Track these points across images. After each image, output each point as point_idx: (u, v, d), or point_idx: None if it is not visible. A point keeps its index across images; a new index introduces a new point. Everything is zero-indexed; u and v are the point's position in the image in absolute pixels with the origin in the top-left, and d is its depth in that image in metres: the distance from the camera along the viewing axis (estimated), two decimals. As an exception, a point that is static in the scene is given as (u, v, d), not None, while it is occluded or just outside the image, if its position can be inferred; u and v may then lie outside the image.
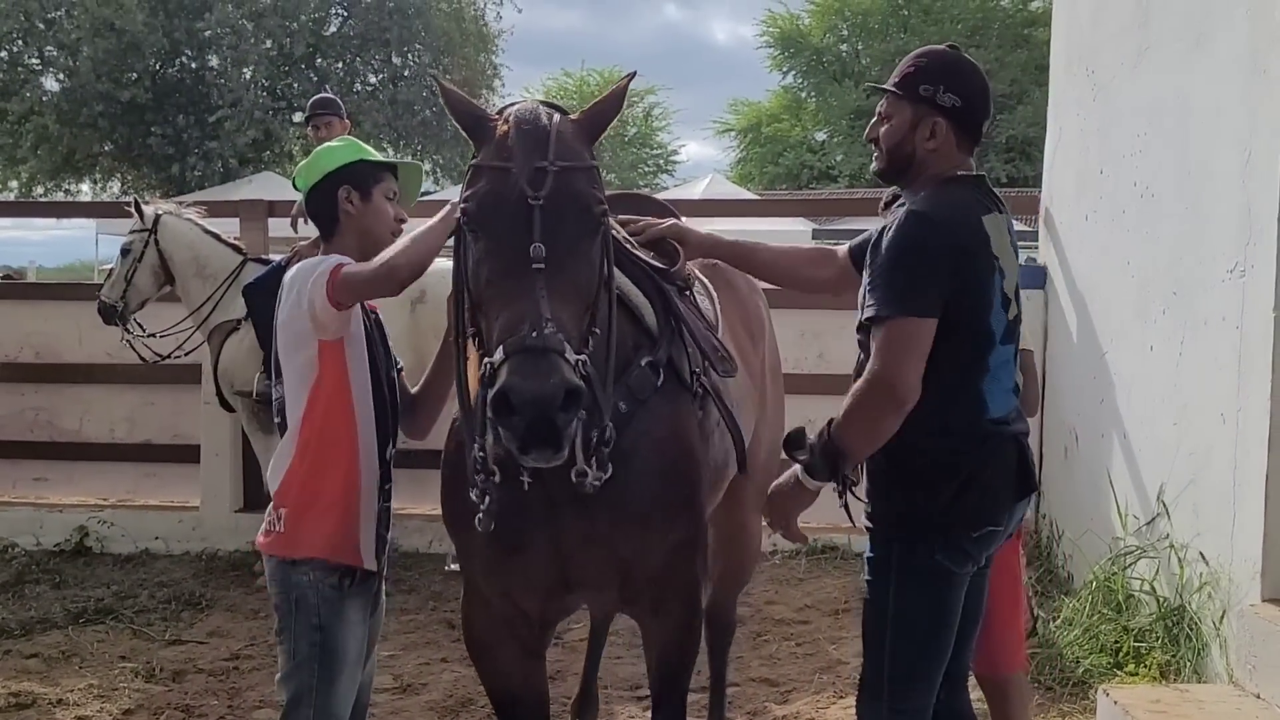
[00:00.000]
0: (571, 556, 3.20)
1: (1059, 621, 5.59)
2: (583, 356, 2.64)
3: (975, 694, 3.93)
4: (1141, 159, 5.86)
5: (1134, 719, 4.19)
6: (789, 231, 22.62)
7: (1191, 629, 4.91)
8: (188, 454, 7.97)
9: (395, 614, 6.72)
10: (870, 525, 3.13)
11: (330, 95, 8.09)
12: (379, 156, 3.50)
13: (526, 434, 2.57)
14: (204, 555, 7.76)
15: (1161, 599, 5.17)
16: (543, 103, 3.07)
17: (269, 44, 28.89)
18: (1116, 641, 5.24)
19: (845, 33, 36.86)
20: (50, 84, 29.05)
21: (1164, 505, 5.33)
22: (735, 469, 3.85)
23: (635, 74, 3.43)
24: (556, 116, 2.95)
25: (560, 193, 2.79)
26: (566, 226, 2.77)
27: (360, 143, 3.54)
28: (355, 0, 30.23)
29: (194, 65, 29.13)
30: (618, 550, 3.21)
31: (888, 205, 3.83)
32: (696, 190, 23.48)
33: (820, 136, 37.49)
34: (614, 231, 3.25)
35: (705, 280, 4.09)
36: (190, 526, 7.85)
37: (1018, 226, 9.35)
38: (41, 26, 28.43)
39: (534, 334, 2.56)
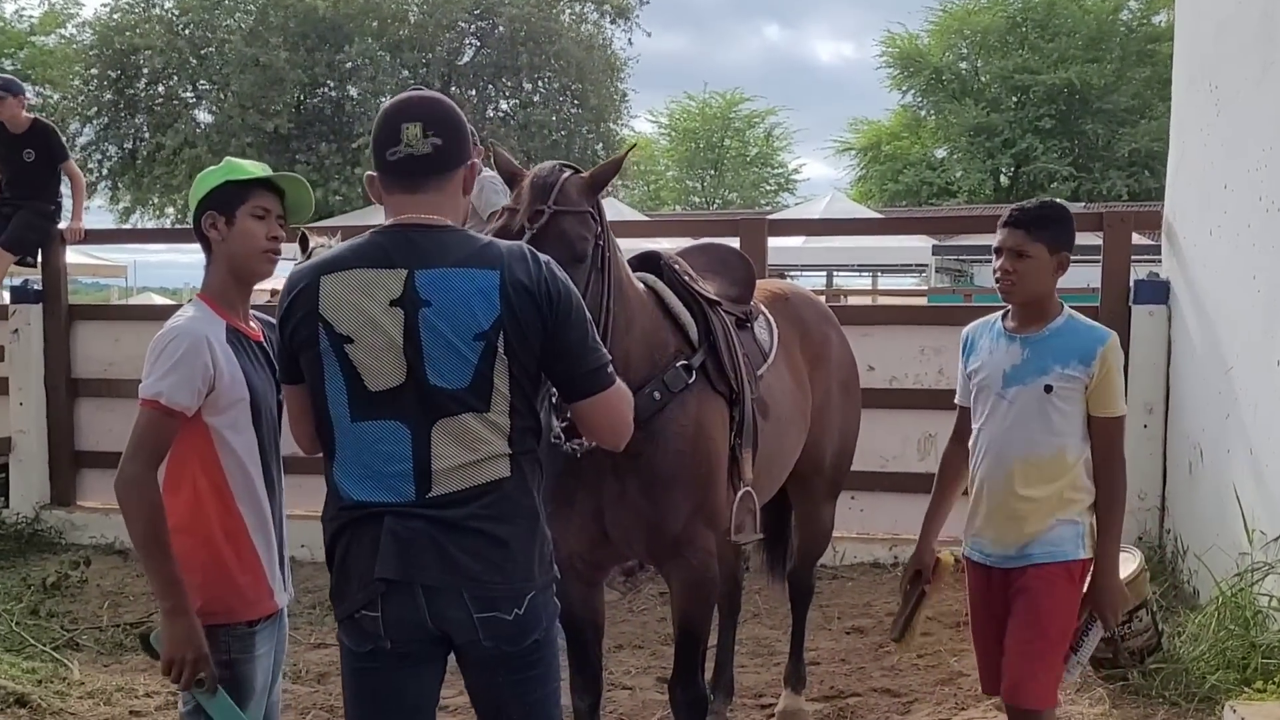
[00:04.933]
0: (608, 513, 3.93)
1: (1184, 637, 5.44)
2: None
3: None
4: (1267, 174, 5.69)
5: (1261, 736, 4.08)
6: (910, 248, 22.44)
7: (1329, 644, 4.76)
8: (330, 467, 8.09)
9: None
10: None
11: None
12: (254, 173, 3.20)
13: None
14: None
15: (1293, 615, 5.02)
16: (562, 164, 3.72)
17: (406, 74, 29.40)
18: (1244, 658, 5.07)
19: (964, 51, 36.40)
20: (203, 116, 29.95)
21: (1291, 520, 5.17)
22: (792, 460, 4.80)
23: (636, 145, 4.15)
24: (566, 173, 3.64)
25: (549, 228, 3.47)
26: (551, 253, 3.09)
27: (239, 163, 3.25)
28: (488, 31, 30.69)
29: (335, 95, 29.83)
30: (643, 512, 3.92)
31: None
32: (817, 209, 23.47)
33: (940, 153, 37.07)
34: (674, 265, 4.30)
35: (769, 316, 4.82)
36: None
37: (1140, 240, 9.11)
38: (194, 62, 29.36)
39: None
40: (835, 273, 26.20)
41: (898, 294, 24.44)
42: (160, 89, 29.89)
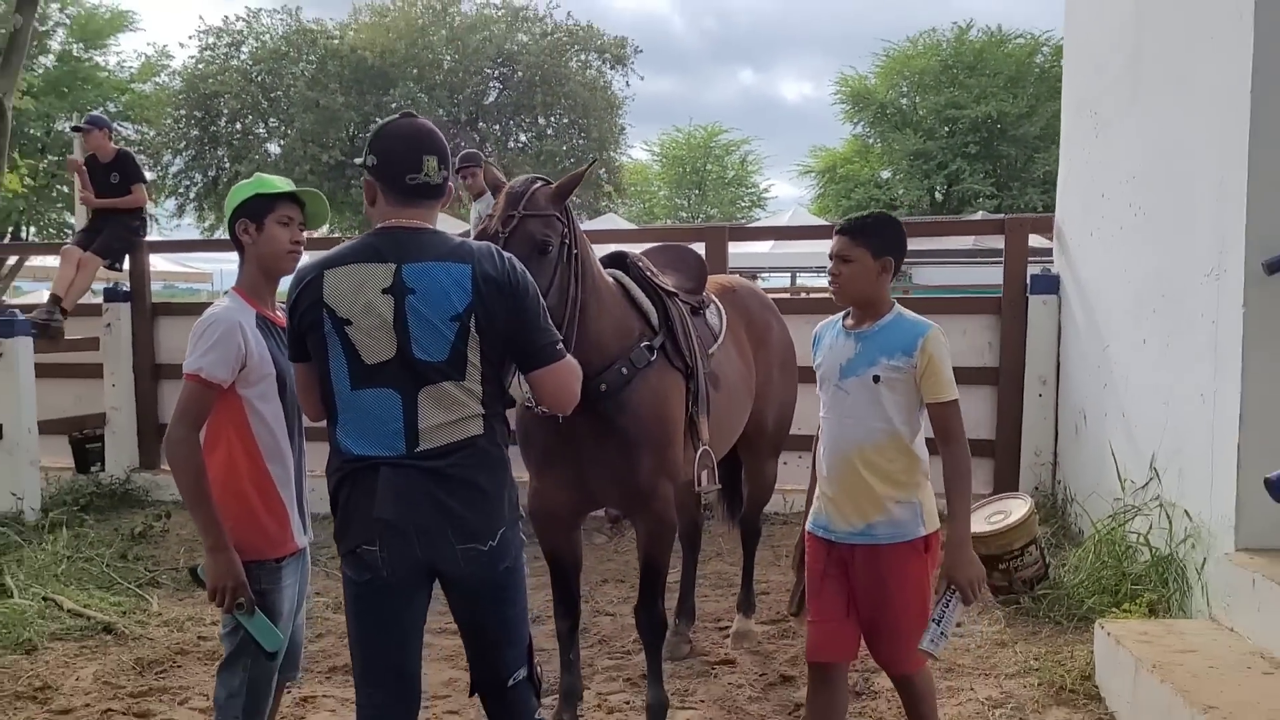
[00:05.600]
0: (584, 469, 3.95)
1: (1067, 568, 5.44)
2: None
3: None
4: (1135, 184, 5.68)
5: (1124, 648, 4.07)
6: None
7: (1178, 574, 4.75)
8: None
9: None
10: None
11: (474, 150, 8.17)
12: (281, 188, 3.21)
13: None
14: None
15: (1154, 549, 5.00)
16: (535, 176, 3.75)
17: (441, 112, 29.32)
18: (1116, 584, 5.08)
19: (905, 89, 36.18)
20: (273, 149, 29.86)
21: (1155, 471, 5.16)
22: (741, 423, 4.78)
23: (596, 160, 4.32)
24: (537, 184, 3.67)
25: (518, 230, 3.52)
26: (519, 251, 3.27)
27: (268, 178, 3.27)
28: (509, 76, 30.55)
29: (382, 130, 29.68)
30: (616, 469, 3.92)
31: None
32: (782, 221, 23.37)
33: (885, 175, 36.91)
34: (639, 263, 4.31)
35: (719, 304, 4.81)
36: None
37: (1039, 243, 9.04)
38: (265, 104, 29.32)
39: None
40: (799, 274, 26.04)
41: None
42: (238, 126, 29.80)
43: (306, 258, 2.98)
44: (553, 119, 30.88)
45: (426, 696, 3.28)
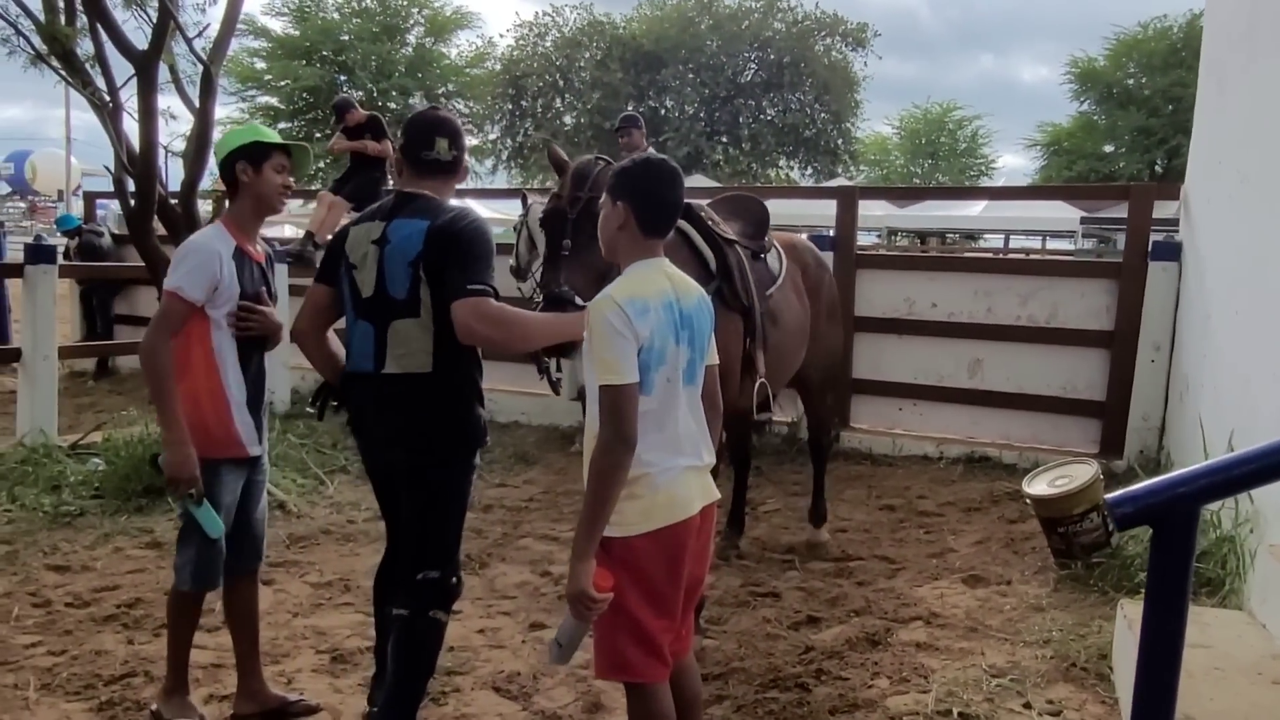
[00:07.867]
0: None
1: (1132, 537, 4.47)
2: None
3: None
4: (1244, 151, 4.52)
5: (1134, 633, 3.21)
6: (1060, 218, 20.06)
7: (1238, 557, 3.78)
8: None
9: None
10: None
11: (633, 114, 7.63)
12: (273, 139, 2.99)
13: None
14: (548, 428, 7.67)
15: (1219, 529, 4.02)
16: (598, 156, 3.52)
17: (705, 90, 28.78)
18: (1178, 560, 4.11)
19: (1132, 69, 32.32)
20: (568, 120, 30.24)
21: (1232, 448, 4.11)
22: (798, 357, 4.54)
23: (653, 144, 3.59)
24: (600, 165, 3.44)
25: (585, 211, 3.27)
26: (587, 229, 3.09)
27: (260, 127, 3.06)
28: (763, 58, 29.51)
29: (654, 105, 29.46)
30: None
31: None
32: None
33: (1108, 149, 33.24)
34: (701, 213, 3.97)
35: (781, 250, 4.50)
36: (544, 407, 7.73)
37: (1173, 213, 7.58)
38: (562, 84, 29.73)
39: (553, 289, 3.12)
40: (1012, 235, 23.78)
41: (1057, 254, 22.04)
42: (540, 102, 30.35)
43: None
44: (797, 95, 29.60)
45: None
